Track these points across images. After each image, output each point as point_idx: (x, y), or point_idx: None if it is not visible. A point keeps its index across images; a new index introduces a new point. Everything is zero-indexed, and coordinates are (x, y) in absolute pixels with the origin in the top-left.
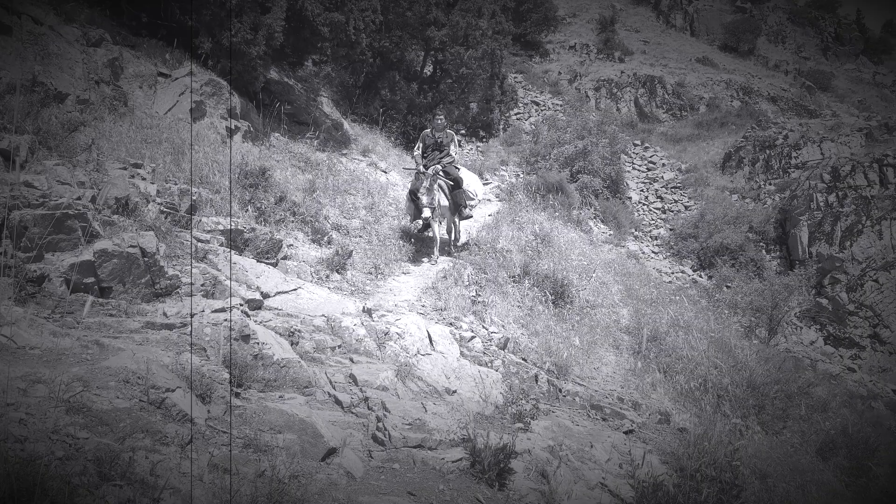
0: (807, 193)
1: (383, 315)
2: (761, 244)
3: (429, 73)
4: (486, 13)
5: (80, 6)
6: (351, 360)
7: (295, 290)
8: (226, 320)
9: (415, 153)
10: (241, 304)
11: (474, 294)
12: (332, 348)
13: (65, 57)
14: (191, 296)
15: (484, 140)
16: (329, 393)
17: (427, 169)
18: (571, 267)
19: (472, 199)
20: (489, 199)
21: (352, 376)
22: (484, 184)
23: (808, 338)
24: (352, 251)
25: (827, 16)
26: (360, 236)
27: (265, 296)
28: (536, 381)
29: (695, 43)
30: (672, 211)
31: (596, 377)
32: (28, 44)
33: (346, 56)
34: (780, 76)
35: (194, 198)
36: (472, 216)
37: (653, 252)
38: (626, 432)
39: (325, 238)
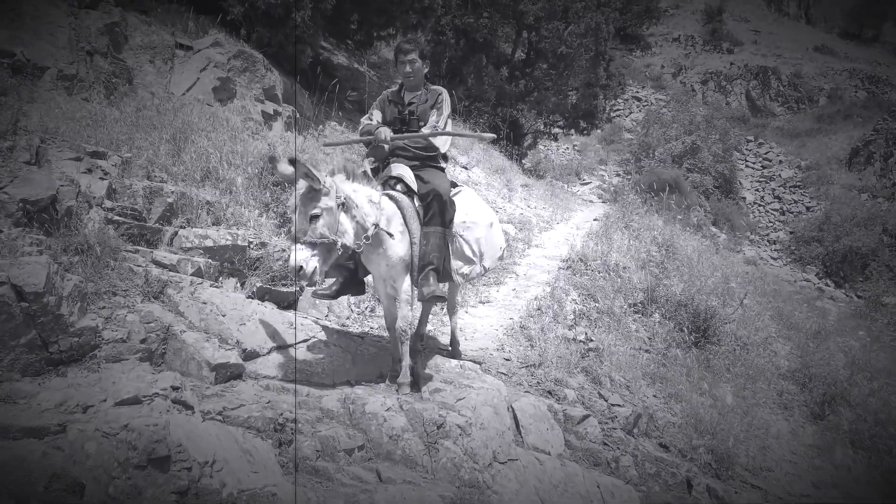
0: None
1: (438, 389)
2: None
3: (521, 58)
4: None
5: None
6: (378, 474)
7: (305, 341)
8: (127, 427)
9: (361, 127)
10: (174, 389)
11: (584, 337)
12: (349, 451)
13: (44, 20)
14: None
15: (585, 132)
16: None
17: (381, 170)
18: (708, 288)
19: (472, 263)
20: (591, 201)
21: None
22: (582, 184)
23: None
24: None
25: None
26: None
27: (250, 356)
28: (689, 488)
29: (811, 31)
30: (792, 212)
31: (772, 468)
32: None
33: (419, 25)
34: None
35: (170, 199)
36: (444, 298)
37: (772, 258)
38: None
39: None
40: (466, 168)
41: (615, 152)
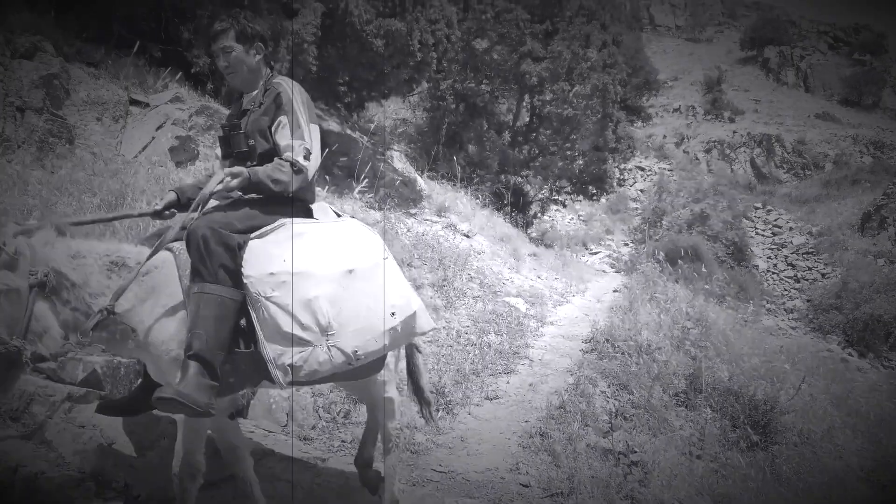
0: None
1: None
2: None
3: (525, 123)
4: (595, 43)
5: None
6: None
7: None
8: None
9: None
10: None
11: (624, 447)
12: None
13: None
14: None
15: (594, 198)
16: None
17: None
18: (751, 369)
19: (306, 344)
20: (603, 271)
21: None
22: (591, 254)
23: None
24: None
25: None
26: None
27: None
28: None
29: (811, 99)
30: (807, 279)
31: None
32: None
33: (413, 81)
34: None
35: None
36: (208, 413)
37: (791, 328)
38: None
39: None
40: (468, 236)
41: (621, 221)
